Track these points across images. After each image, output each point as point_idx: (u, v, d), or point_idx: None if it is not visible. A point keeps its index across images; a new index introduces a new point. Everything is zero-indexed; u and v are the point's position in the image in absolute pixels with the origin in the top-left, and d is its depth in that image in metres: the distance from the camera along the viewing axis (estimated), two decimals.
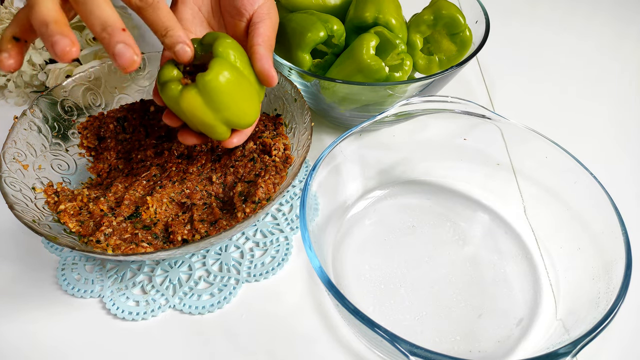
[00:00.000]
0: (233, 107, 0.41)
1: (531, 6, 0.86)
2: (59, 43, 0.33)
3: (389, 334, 0.33)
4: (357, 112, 0.57)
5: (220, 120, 0.42)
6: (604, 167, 0.51)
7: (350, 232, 0.51)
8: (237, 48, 0.42)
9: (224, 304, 0.46)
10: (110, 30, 0.34)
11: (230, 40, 0.41)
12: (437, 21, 0.56)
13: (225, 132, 0.44)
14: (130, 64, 0.34)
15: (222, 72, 0.39)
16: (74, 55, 0.33)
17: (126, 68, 0.34)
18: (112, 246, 0.43)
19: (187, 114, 0.41)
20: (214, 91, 0.39)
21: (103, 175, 0.53)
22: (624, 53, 0.77)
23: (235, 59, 0.41)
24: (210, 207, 0.48)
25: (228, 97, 0.40)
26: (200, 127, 0.43)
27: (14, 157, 0.47)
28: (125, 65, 0.34)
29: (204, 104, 0.40)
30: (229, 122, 0.43)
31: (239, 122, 0.44)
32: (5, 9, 0.67)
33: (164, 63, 0.42)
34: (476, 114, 0.49)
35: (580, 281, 0.44)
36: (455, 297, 0.46)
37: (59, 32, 0.33)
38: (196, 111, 0.40)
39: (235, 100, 0.41)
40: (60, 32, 0.33)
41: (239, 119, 0.43)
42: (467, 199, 0.54)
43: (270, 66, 0.43)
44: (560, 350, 0.33)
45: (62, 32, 0.33)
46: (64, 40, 0.33)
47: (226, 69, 0.39)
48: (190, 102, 0.40)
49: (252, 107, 0.44)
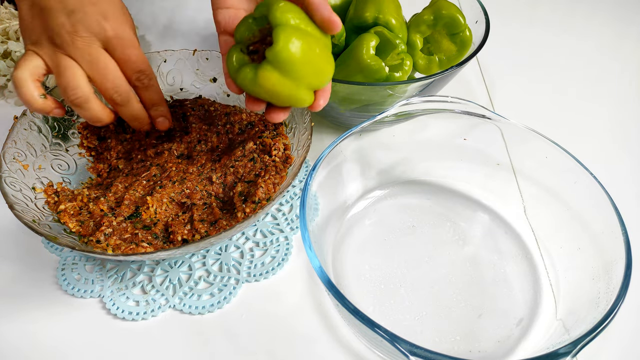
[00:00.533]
0: (310, 70, 0.40)
1: (531, 6, 0.87)
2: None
3: (389, 334, 0.33)
4: (357, 112, 0.57)
5: (302, 87, 0.40)
6: (604, 167, 0.51)
7: (350, 232, 0.51)
8: (293, 8, 0.40)
9: (224, 304, 0.46)
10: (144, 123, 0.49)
11: (284, 3, 0.39)
12: (437, 21, 0.56)
13: (310, 97, 0.42)
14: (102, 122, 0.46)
15: (290, 39, 0.38)
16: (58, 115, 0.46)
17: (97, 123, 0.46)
18: (112, 246, 0.43)
19: (269, 92, 0.40)
20: (287, 61, 0.38)
21: (103, 175, 0.53)
22: (624, 53, 0.77)
23: (295, 20, 0.39)
24: (210, 207, 0.48)
25: (302, 62, 0.39)
26: (285, 100, 0.42)
27: (14, 157, 0.47)
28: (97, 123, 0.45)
29: (281, 76, 0.39)
30: (311, 85, 0.41)
31: (320, 82, 0.42)
32: (5, 9, 0.68)
33: (228, 51, 0.41)
34: (476, 114, 0.49)
35: (580, 281, 0.44)
36: (455, 297, 0.46)
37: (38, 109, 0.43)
38: (276, 87, 0.39)
39: (311, 63, 0.39)
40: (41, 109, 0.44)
41: (319, 78, 0.42)
42: (467, 199, 0.54)
43: (330, 12, 0.40)
44: (560, 350, 0.33)
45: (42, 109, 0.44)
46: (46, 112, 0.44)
47: (292, 35, 0.38)
48: (268, 80, 0.39)
49: (327, 62, 0.42)
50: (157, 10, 0.82)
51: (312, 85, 0.42)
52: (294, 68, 0.38)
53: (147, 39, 0.76)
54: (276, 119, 0.44)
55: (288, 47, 0.37)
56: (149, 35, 0.77)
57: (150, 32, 0.78)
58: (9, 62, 0.63)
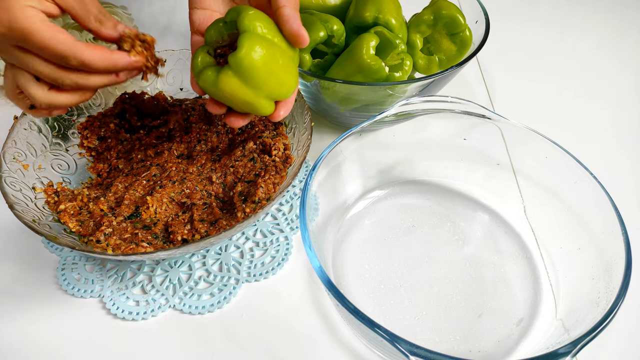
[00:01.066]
0: (270, 79, 0.40)
1: (531, 6, 0.86)
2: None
3: (389, 334, 0.33)
4: (357, 112, 0.57)
5: (261, 95, 0.41)
6: (604, 167, 0.52)
7: (350, 232, 0.51)
8: (262, 17, 0.40)
9: (224, 304, 0.46)
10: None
11: (254, 11, 0.39)
12: (437, 21, 0.56)
13: (270, 106, 0.42)
14: None
15: (252, 47, 0.38)
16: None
17: None
18: (112, 246, 0.43)
19: (228, 97, 0.40)
20: (247, 68, 0.38)
21: (103, 175, 0.53)
22: (624, 53, 0.77)
23: (262, 29, 0.39)
24: (210, 207, 0.48)
25: (263, 71, 0.39)
26: (243, 106, 0.42)
27: (14, 157, 0.47)
28: None
29: (241, 83, 0.39)
30: (271, 96, 0.41)
31: (280, 93, 0.42)
32: None
33: (195, 51, 0.41)
34: (476, 114, 0.49)
35: (580, 281, 0.44)
36: (455, 297, 0.46)
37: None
38: (236, 92, 0.39)
39: (272, 72, 0.39)
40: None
41: (279, 90, 0.41)
42: (467, 199, 0.54)
43: (298, 26, 0.41)
44: (560, 350, 0.33)
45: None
46: None
47: (256, 43, 0.38)
48: (228, 84, 0.39)
49: (289, 74, 0.42)
50: (156, 11, 0.82)
51: (272, 96, 0.42)
52: (254, 76, 0.39)
53: None
54: (234, 124, 0.44)
55: (250, 54, 0.38)
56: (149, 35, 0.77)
57: (150, 32, 0.77)
58: None
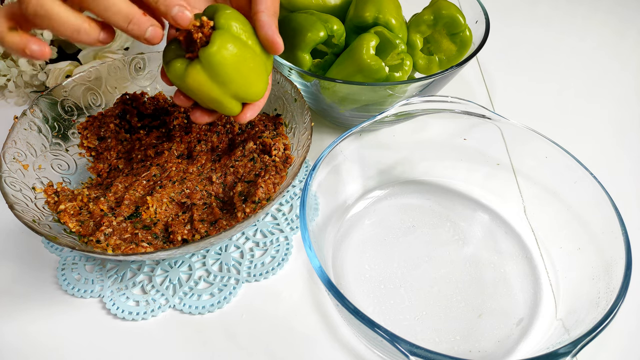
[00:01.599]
0: (239, 79, 0.40)
1: (531, 6, 0.87)
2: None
3: (389, 334, 0.33)
4: (357, 112, 0.57)
5: (228, 94, 0.41)
6: (604, 167, 0.52)
7: (350, 232, 0.51)
8: (239, 18, 0.40)
9: (224, 304, 0.46)
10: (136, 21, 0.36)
11: (231, 11, 0.40)
12: (437, 21, 0.56)
13: (236, 107, 0.42)
14: (160, 39, 0.38)
15: (224, 45, 0.38)
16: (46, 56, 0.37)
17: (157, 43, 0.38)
18: (112, 246, 0.43)
19: (194, 91, 0.40)
20: (217, 65, 0.38)
21: (103, 175, 0.53)
22: (624, 53, 0.77)
23: (238, 29, 0.39)
24: (210, 207, 0.48)
25: (232, 70, 0.39)
26: (209, 103, 0.42)
27: (14, 157, 0.47)
28: (157, 42, 0.38)
29: (209, 79, 0.39)
30: (238, 96, 0.41)
31: (247, 95, 0.42)
32: None
33: (168, 42, 0.41)
34: (476, 114, 0.49)
35: (580, 281, 0.44)
36: (455, 297, 0.46)
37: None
38: (202, 87, 0.39)
39: (241, 73, 0.40)
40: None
41: (246, 91, 0.42)
42: (467, 199, 0.54)
43: (273, 32, 0.41)
44: (560, 350, 0.33)
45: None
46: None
47: (228, 41, 0.38)
48: (195, 79, 0.39)
49: (259, 78, 0.42)
50: None
51: (239, 97, 0.42)
52: (222, 73, 0.39)
53: None
54: (199, 120, 0.44)
55: (221, 51, 0.38)
56: None
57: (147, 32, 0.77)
58: (9, 62, 0.63)
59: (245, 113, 0.44)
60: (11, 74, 0.63)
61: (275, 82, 0.54)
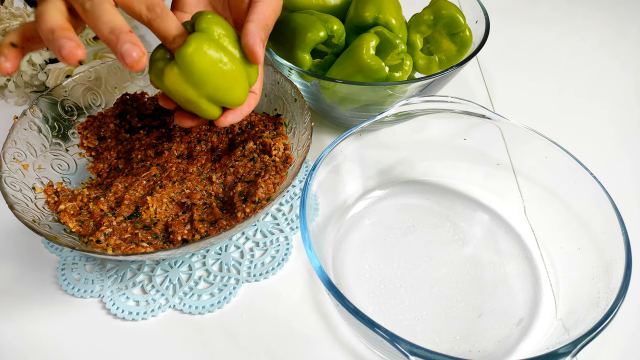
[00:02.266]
0: (214, 82, 0.40)
1: (531, 6, 0.86)
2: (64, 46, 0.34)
3: (389, 334, 0.33)
4: (357, 112, 0.57)
5: (203, 97, 0.41)
6: (604, 167, 0.52)
7: (350, 232, 0.51)
8: (222, 23, 0.41)
9: (224, 304, 0.46)
10: (117, 33, 0.36)
11: (212, 16, 0.40)
12: (437, 21, 0.56)
13: (214, 111, 0.43)
14: (137, 63, 0.35)
15: (200, 47, 0.38)
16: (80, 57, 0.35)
17: (133, 67, 0.35)
18: (112, 246, 0.43)
19: (172, 92, 0.40)
20: (191, 65, 0.38)
21: (103, 175, 0.53)
22: (624, 52, 0.77)
23: (219, 34, 0.40)
24: (210, 207, 0.48)
25: (207, 72, 0.39)
26: (187, 105, 0.42)
27: (14, 157, 0.47)
28: (132, 64, 0.35)
29: (184, 80, 0.39)
30: (214, 99, 0.41)
31: (224, 100, 0.42)
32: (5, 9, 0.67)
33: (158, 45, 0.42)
34: (476, 114, 0.49)
35: (580, 281, 0.44)
36: (455, 297, 0.46)
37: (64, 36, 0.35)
38: (177, 87, 0.39)
39: (216, 76, 0.40)
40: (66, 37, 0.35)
41: (223, 96, 0.41)
42: (467, 199, 0.54)
43: (255, 42, 0.41)
44: (560, 350, 0.33)
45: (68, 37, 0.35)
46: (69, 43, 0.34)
47: (205, 43, 0.38)
48: (169, 78, 0.39)
49: (237, 84, 0.42)
50: None
51: (216, 100, 0.42)
52: (195, 74, 0.39)
53: (147, 39, 0.76)
54: (182, 123, 0.45)
55: (195, 53, 0.38)
56: (149, 35, 0.77)
57: (148, 34, 0.77)
58: None
59: (225, 117, 0.44)
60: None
61: (275, 82, 0.54)
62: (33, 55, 0.62)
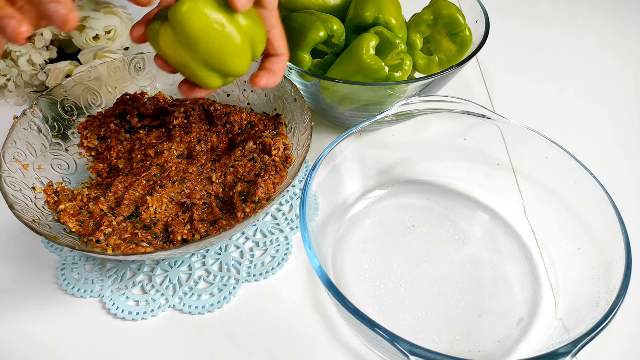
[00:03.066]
0: (209, 46, 0.37)
1: (531, 6, 0.86)
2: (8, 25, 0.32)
3: (389, 334, 0.33)
4: (357, 112, 0.57)
5: (199, 62, 0.38)
6: (604, 167, 0.52)
7: (350, 232, 0.51)
8: None
9: (224, 304, 0.46)
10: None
11: None
12: (437, 21, 0.56)
13: (213, 80, 0.40)
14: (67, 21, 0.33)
15: (195, 6, 0.35)
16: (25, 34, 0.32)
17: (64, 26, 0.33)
18: (112, 246, 0.43)
19: (166, 54, 0.38)
20: (182, 25, 0.36)
21: (103, 175, 0.53)
22: (625, 53, 0.77)
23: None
24: (210, 207, 0.48)
25: (200, 34, 0.36)
26: (184, 71, 0.40)
27: (14, 157, 0.47)
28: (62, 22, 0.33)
29: (177, 41, 0.37)
30: (211, 66, 0.39)
31: (221, 67, 0.39)
32: None
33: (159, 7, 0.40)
34: (476, 114, 0.49)
35: (580, 281, 0.44)
36: (455, 297, 0.46)
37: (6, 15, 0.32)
38: (170, 50, 0.38)
39: (211, 38, 0.37)
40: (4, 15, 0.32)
41: (219, 62, 0.39)
42: (467, 199, 0.54)
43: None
44: (560, 350, 0.33)
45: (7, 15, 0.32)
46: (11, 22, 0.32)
47: (199, 3, 0.36)
48: (163, 39, 0.37)
49: (236, 51, 0.39)
50: None
51: (213, 67, 0.39)
52: (187, 35, 0.36)
53: None
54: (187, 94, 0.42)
55: (190, 12, 0.36)
56: None
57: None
58: (9, 62, 0.63)
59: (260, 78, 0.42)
60: (11, 74, 0.63)
61: None
62: (33, 55, 0.62)
